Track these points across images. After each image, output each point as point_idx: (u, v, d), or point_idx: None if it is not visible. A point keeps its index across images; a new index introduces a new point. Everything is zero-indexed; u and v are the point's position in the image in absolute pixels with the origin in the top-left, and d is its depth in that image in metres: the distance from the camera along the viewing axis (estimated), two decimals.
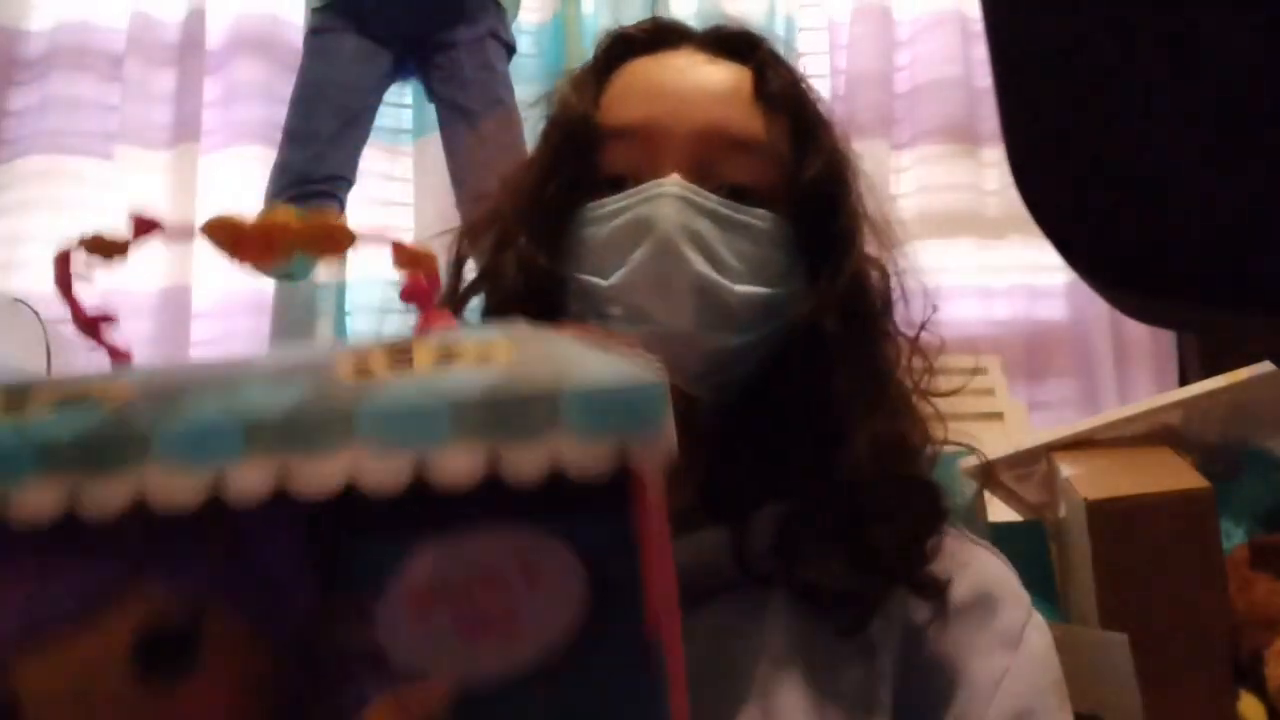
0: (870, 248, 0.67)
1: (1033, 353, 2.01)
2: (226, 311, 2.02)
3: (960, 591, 0.64)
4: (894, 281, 0.67)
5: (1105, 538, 0.99)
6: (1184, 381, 1.82)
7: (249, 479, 0.29)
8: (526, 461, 0.29)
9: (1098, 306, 1.95)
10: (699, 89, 0.64)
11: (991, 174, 2.06)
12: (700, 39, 0.68)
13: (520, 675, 0.32)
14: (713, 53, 0.67)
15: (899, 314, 0.67)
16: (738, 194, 0.62)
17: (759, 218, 0.62)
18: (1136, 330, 1.96)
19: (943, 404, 0.67)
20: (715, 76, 0.65)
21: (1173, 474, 1.02)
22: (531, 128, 0.71)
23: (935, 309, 0.68)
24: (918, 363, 0.67)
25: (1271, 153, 0.22)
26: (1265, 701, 0.99)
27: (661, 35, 0.68)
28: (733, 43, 0.68)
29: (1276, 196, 0.23)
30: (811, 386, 0.62)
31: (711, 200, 0.61)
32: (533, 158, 0.68)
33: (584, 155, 0.64)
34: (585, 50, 2.11)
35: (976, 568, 0.66)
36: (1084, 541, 1.00)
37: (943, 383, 0.68)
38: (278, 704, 0.33)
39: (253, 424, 0.29)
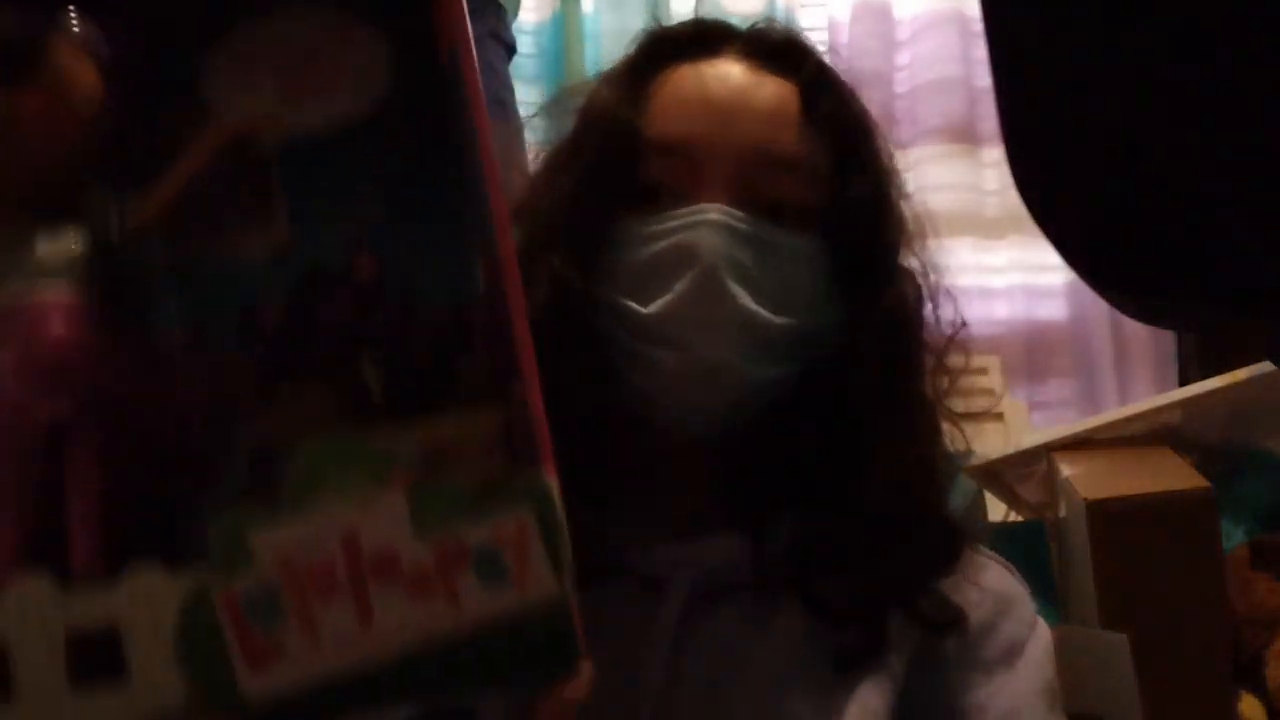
0: (908, 265, 0.66)
1: (1033, 353, 2.00)
2: None
3: (972, 613, 0.64)
4: (923, 286, 0.66)
5: (1105, 538, 0.99)
6: (1184, 381, 1.82)
7: None
8: None
9: (1098, 306, 1.95)
10: (745, 106, 0.63)
11: (991, 174, 2.06)
12: (745, 45, 0.66)
13: (337, 131, 0.38)
14: (759, 62, 0.65)
15: (927, 319, 0.67)
16: (777, 210, 0.61)
17: (799, 242, 0.61)
18: (1136, 330, 1.95)
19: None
20: (762, 93, 0.63)
21: (1173, 474, 1.02)
22: (547, 126, 0.70)
23: (964, 324, 0.67)
24: (942, 377, 0.66)
25: (1272, 153, 0.22)
26: (1265, 701, 0.99)
27: (704, 38, 0.67)
28: (780, 52, 0.66)
29: (1277, 196, 0.23)
30: (842, 408, 0.62)
31: (753, 226, 0.59)
32: (565, 160, 0.66)
33: (625, 166, 0.62)
34: (585, 50, 2.11)
35: (985, 585, 0.66)
36: (1084, 541, 1.00)
37: (959, 388, 0.68)
38: (103, 130, 0.37)
39: None
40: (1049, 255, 0.26)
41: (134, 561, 0.35)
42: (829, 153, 0.63)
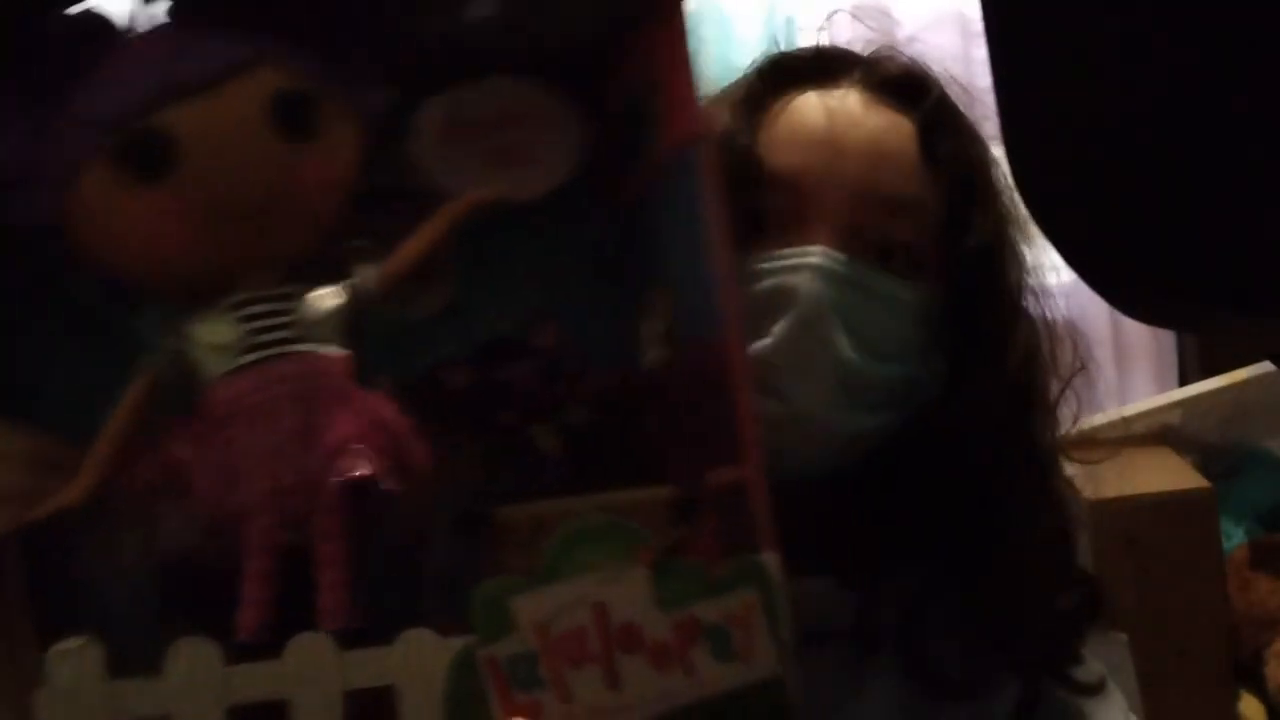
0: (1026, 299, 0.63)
1: None
2: None
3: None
4: (1043, 329, 0.64)
5: (1105, 538, 0.99)
6: (1184, 381, 1.82)
7: None
8: None
9: (1098, 306, 1.94)
10: (860, 144, 0.60)
11: None
12: (865, 74, 0.63)
13: (533, 204, 0.41)
14: (879, 94, 0.62)
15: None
16: (886, 252, 0.59)
17: (907, 289, 0.58)
18: (1136, 330, 1.95)
19: None
20: (879, 130, 0.61)
21: (1173, 474, 1.03)
22: None
23: (1083, 366, 0.65)
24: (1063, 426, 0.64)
25: (1273, 153, 0.22)
26: (1265, 701, 0.99)
27: (825, 65, 0.64)
28: (901, 85, 0.63)
29: (1276, 196, 0.23)
30: (962, 461, 0.59)
31: (858, 270, 0.57)
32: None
33: (738, 193, 0.60)
34: None
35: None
36: (1084, 541, 1.00)
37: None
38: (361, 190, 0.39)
39: None
40: (1049, 255, 0.26)
41: (404, 626, 0.37)
42: (946, 194, 0.60)
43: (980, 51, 2.07)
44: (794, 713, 0.41)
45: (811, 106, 0.62)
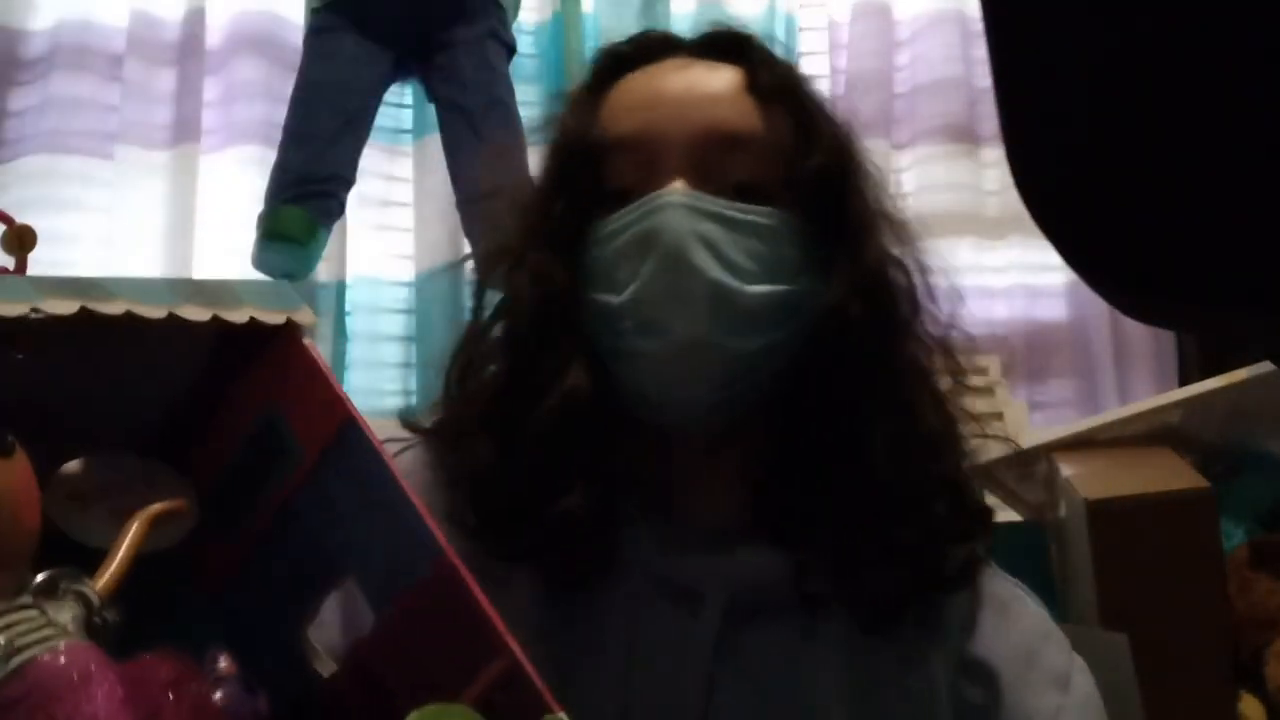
0: (890, 244, 0.66)
1: (1033, 353, 2.01)
2: None
3: (1011, 637, 0.65)
4: (918, 279, 0.66)
5: (1105, 538, 0.99)
6: (1184, 381, 1.82)
7: None
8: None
9: (1098, 306, 1.95)
10: (692, 91, 0.64)
11: (991, 174, 2.06)
12: (690, 46, 0.68)
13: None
14: (704, 56, 0.66)
15: (927, 314, 0.66)
16: (743, 192, 0.61)
17: (766, 215, 0.61)
18: (1136, 330, 1.95)
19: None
20: (708, 77, 0.65)
21: (1173, 474, 1.02)
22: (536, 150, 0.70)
23: (956, 322, 0.67)
24: (948, 363, 0.66)
25: (1273, 152, 0.22)
26: (1265, 701, 0.99)
27: (651, 47, 0.68)
28: (723, 44, 0.67)
29: (1276, 196, 0.23)
30: (837, 384, 0.61)
31: (717, 204, 0.60)
32: (539, 182, 0.68)
33: (587, 172, 0.63)
34: (585, 50, 2.11)
35: (1017, 610, 0.67)
36: (1084, 541, 1.00)
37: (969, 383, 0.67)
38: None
39: None
40: (1049, 255, 0.26)
41: None
42: (785, 128, 0.63)
43: (980, 51, 2.08)
44: None
45: (644, 77, 0.66)
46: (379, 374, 2.02)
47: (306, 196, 1.80)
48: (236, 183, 2.03)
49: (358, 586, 0.48)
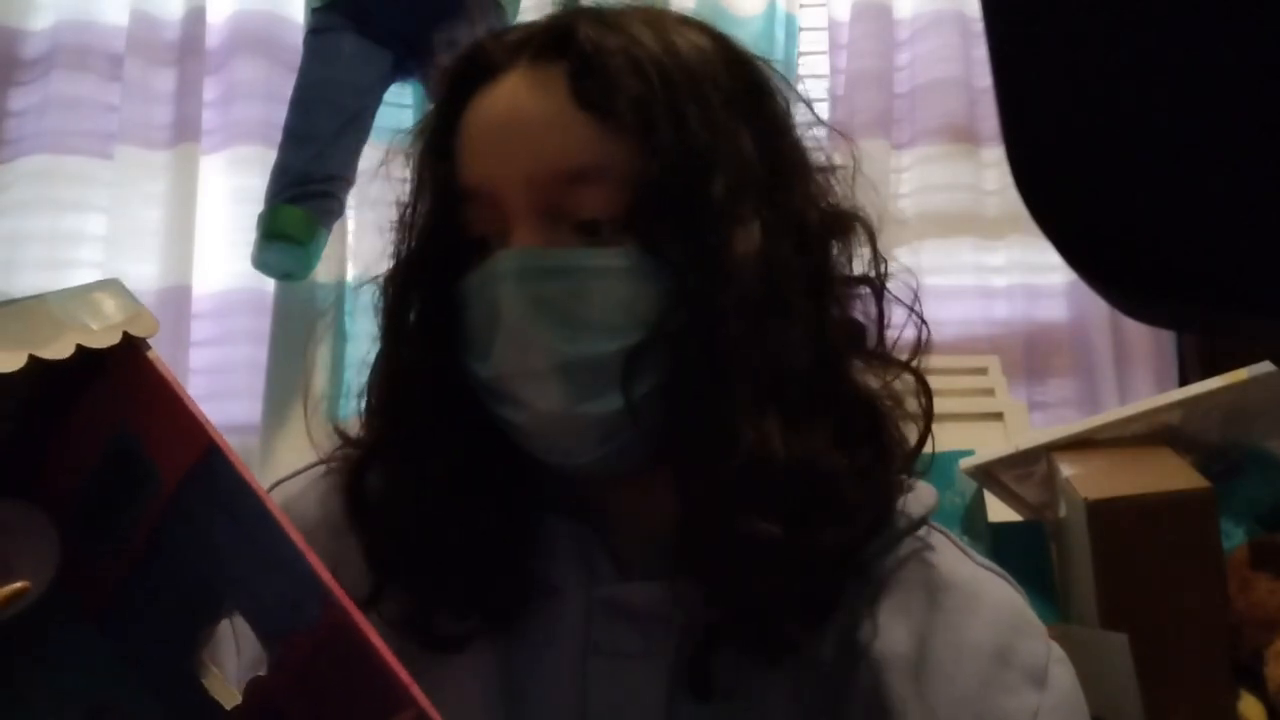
0: (776, 224, 0.58)
1: (1033, 353, 2.01)
2: (226, 311, 2.02)
3: (978, 628, 0.61)
4: (825, 265, 0.61)
5: (1105, 538, 0.99)
6: (1184, 381, 1.82)
7: None
8: None
9: (1098, 306, 1.95)
10: (521, 127, 0.58)
11: (991, 174, 2.06)
12: (528, 48, 0.61)
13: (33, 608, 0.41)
14: (537, 62, 0.60)
15: (835, 303, 0.60)
16: (591, 226, 0.56)
17: (615, 256, 0.56)
18: (1136, 330, 1.95)
19: (944, 404, 0.65)
20: (537, 99, 0.58)
21: (1173, 474, 1.02)
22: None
23: (887, 322, 0.62)
24: (892, 374, 0.62)
25: (1273, 152, 0.22)
26: (1265, 701, 0.99)
27: (488, 60, 0.61)
28: (551, 40, 0.60)
29: (1276, 196, 0.23)
30: (708, 390, 0.56)
31: (557, 257, 0.56)
32: (410, 221, 0.63)
33: (448, 223, 0.60)
34: None
35: (987, 599, 0.63)
36: (1084, 541, 1.00)
37: (935, 383, 0.64)
38: None
39: None
40: (1049, 255, 0.26)
41: None
42: (620, 141, 0.56)
43: (980, 51, 2.08)
44: None
45: (482, 104, 0.60)
46: None
47: (306, 196, 1.80)
48: (236, 183, 2.03)
49: (246, 621, 0.44)
